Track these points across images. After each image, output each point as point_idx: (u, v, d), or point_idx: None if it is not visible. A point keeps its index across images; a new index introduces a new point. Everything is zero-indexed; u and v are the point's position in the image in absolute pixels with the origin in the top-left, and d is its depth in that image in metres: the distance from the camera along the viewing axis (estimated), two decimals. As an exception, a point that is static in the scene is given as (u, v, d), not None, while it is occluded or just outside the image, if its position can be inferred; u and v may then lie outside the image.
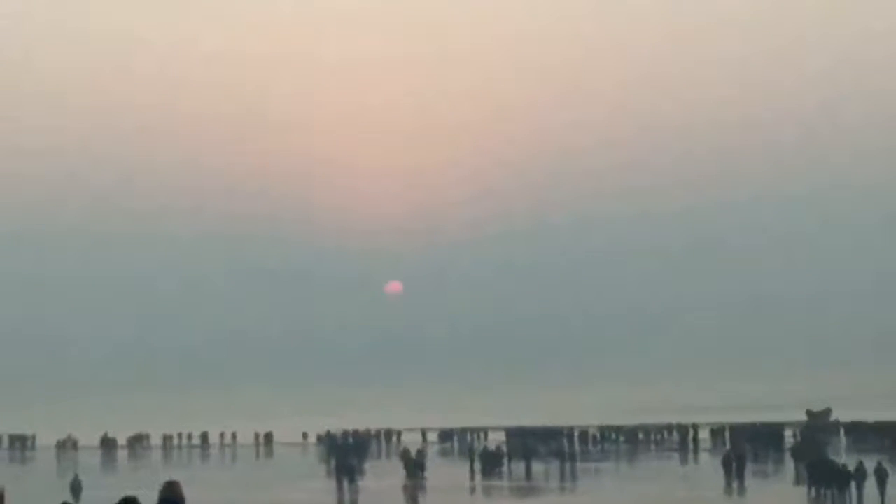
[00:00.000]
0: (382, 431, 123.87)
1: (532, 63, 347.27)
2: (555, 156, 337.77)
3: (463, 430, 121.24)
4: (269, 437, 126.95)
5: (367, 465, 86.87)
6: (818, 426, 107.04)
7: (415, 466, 75.94)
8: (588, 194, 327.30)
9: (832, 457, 67.51)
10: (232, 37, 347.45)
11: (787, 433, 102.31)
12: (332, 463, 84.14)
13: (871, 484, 55.94)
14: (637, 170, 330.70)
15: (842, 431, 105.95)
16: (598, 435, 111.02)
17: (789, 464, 79.67)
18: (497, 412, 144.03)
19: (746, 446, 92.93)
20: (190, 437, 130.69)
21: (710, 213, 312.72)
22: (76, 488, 66.50)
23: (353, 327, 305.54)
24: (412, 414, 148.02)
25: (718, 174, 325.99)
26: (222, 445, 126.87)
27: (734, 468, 68.49)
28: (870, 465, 57.90)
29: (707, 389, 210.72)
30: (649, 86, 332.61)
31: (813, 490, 57.79)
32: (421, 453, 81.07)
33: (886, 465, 58.29)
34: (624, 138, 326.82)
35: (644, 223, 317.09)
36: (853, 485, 56.41)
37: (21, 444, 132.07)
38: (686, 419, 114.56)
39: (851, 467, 57.48)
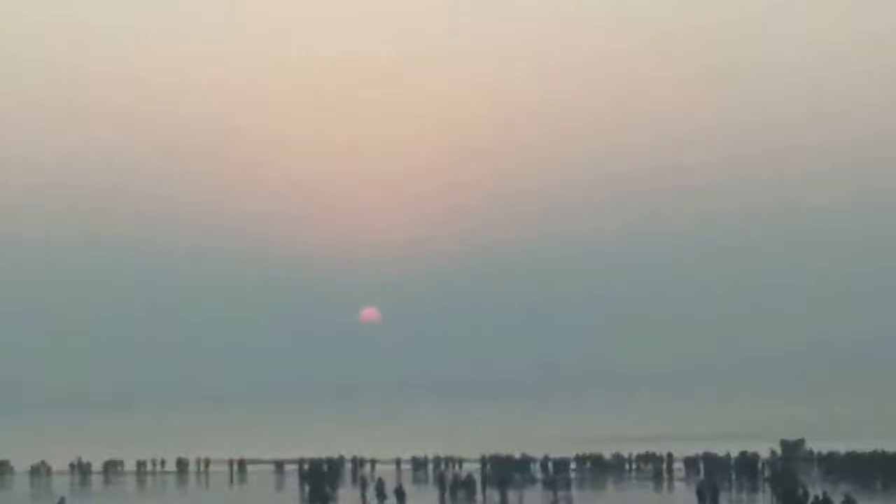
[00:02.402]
0: (357, 460, 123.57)
1: (540, 94, 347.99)
2: (555, 188, 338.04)
3: (437, 459, 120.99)
4: (242, 463, 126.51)
5: (341, 493, 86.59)
6: (792, 456, 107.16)
7: (378, 495, 76.16)
8: (586, 229, 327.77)
9: (806, 487, 67.61)
10: (234, 73, 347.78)
11: (762, 463, 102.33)
12: (306, 490, 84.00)
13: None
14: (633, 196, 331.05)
15: (816, 462, 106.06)
16: (573, 463, 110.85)
17: (764, 494, 79.76)
18: (472, 442, 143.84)
19: (721, 476, 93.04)
20: (164, 462, 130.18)
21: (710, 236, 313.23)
22: None
23: (330, 356, 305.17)
24: (387, 443, 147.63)
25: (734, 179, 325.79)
26: (198, 472, 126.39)
27: (708, 498, 68.51)
28: (841, 496, 57.97)
29: (682, 419, 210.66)
30: (649, 92, 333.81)
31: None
32: (381, 481, 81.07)
33: (855, 497, 58.31)
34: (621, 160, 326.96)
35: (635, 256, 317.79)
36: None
37: (3, 469, 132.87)
38: (660, 448, 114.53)
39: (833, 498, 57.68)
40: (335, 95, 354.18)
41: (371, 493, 78.74)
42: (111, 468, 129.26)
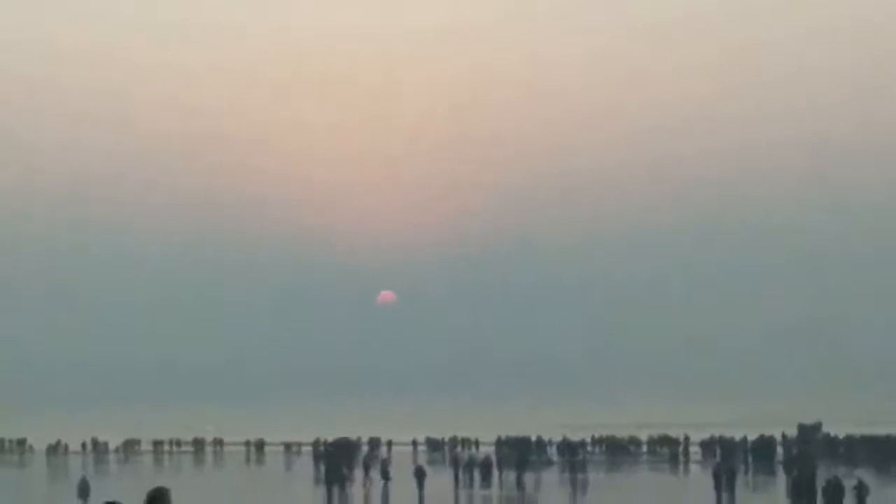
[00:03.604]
0: (373, 441, 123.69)
1: (540, 84, 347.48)
2: (557, 177, 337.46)
3: (453, 440, 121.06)
4: (260, 443, 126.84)
5: (357, 473, 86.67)
6: (809, 440, 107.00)
7: (382, 475, 76.59)
8: (595, 215, 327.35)
9: (819, 471, 67.66)
10: (236, 61, 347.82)
11: (779, 447, 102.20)
12: (322, 470, 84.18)
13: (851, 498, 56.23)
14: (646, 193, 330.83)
15: (832, 445, 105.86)
16: (589, 446, 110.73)
17: (780, 477, 79.65)
18: (489, 423, 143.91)
19: (737, 459, 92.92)
20: (179, 443, 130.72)
21: (720, 232, 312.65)
22: (84, 490, 66.67)
23: (349, 339, 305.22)
24: (405, 424, 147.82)
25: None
26: (214, 451, 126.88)
27: (725, 481, 68.45)
28: (854, 480, 58.16)
29: (698, 406, 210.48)
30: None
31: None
32: (385, 463, 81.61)
33: (866, 481, 58.33)
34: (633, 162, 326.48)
35: (644, 246, 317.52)
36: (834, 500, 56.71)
37: (21, 447, 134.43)
38: (677, 432, 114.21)
39: (844, 482, 57.84)
40: (337, 81, 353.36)
41: (376, 473, 78.89)
42: (129, 447, 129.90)
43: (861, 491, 56.52)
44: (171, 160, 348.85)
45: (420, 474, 73.04)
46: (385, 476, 76.80)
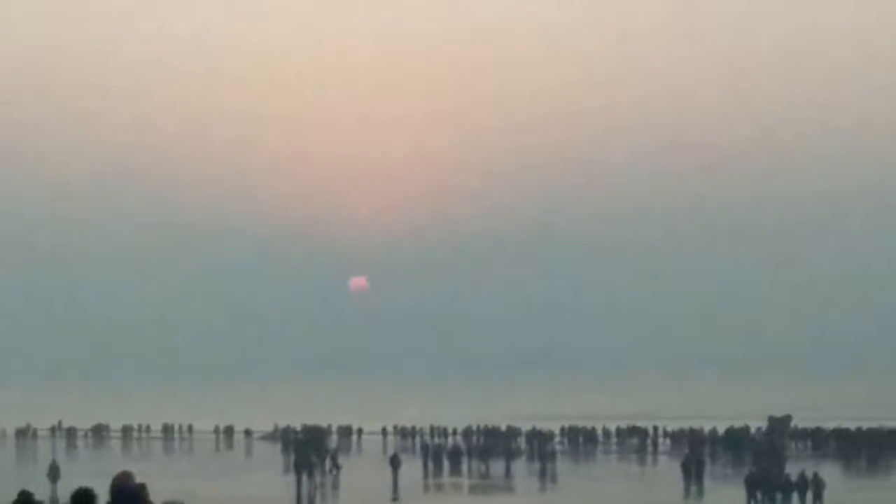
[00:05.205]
0: (343, 429, 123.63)
1: (538, 81, 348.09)
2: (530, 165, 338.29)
3: (423, 429, 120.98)
4: (229, 429, 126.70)
5: (326, 461, 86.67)
6: (779, 432, 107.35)
7: (333, 465, 77.06)
8: (589, 207, 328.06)
9: (785, 465, 68.06)
10: (234, 60, 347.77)
11: (748, 438, 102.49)
12: (291, 458, 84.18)
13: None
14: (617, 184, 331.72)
15: (802, 438, 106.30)
16: (558, 436, 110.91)
17: (748, 469, 79.92)
18: (459, 412, 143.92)
19: (706, 450, 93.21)
20: (149, 428, 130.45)
21: (689, 215, 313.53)
22: (54, 473, 66.77)
23: (319, 324, 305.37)
24: (375, 412, 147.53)
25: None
26: (181, 437, 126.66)
27: (693, 472, 68.73)
28: (822, 473, 58.58)
29: (669, 396, 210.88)
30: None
31: (754, 500, 58.28)
32: (336, 452, 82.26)
33: (822, 476, 58.70)
34: (605, 153, 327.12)
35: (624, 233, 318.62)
36: (795, 495, 57.26)
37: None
38: (646, 423, 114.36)
39: (809, 473, 58.34)
40: (330, 74, 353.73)
41: (329, 463, 78.74)
42: (97, 432, 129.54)
43: (817, 486, 57.00)
44: (165, 151, 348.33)
45: (395, 462, 73.17)
46: (335, 465, 77.16)
